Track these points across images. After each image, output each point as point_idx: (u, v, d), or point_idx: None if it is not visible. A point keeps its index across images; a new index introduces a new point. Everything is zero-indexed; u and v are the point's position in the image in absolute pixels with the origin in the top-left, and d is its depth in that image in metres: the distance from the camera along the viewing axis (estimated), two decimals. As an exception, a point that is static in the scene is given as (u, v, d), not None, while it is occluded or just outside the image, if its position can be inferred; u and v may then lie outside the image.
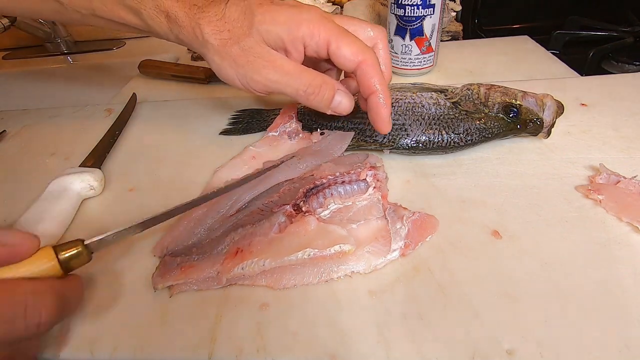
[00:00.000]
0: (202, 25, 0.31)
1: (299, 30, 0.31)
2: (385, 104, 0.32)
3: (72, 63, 0.83)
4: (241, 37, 0.31)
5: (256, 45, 0.31)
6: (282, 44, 0.32)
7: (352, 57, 0.31)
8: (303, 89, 0.32)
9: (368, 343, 0.25)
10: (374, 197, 0.33)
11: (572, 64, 0.57)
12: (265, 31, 0.31)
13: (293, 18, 0.31)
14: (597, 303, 0.26)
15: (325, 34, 0.31)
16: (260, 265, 0.28)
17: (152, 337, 0.27)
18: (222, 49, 0.32)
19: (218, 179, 0.38)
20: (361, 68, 0.31)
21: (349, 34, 0.31)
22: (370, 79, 0.31)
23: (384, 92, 0.32)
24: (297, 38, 0.31)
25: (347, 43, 0.31)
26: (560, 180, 0.36)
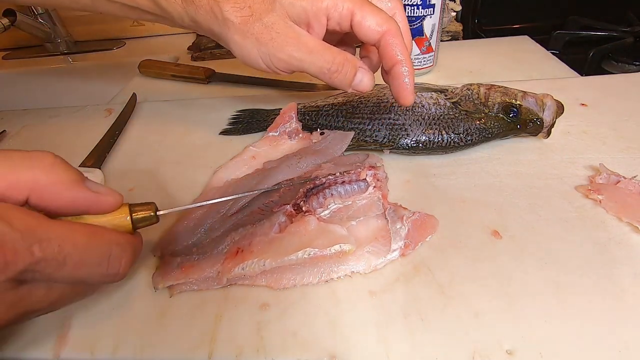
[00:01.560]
0: (220, 3, 0.30)
1: (322, 1, 0.30)
2: (409, 74, 0.32)
3: (72, 63, 0.83)
4: (263, 14, 0.30)
5: (279, 21, 0.31)
6: (306, 17, 0.31)
7: (377, 28, 0.31)
8: (327, 67, 0.32)
9: (368, 343, 0.25)
10: (374, 197, 0.33)
11: (572, 64, 0.57)
12: (289, 4, 0.30)
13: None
14: (597, 303, 0.26)
15: (349, 4, 0.30)
16: (260, 265, 0.28)
17: (152, 337, 0.27)
18: (243, 27, 0.31)
19: (218, 179, 0.38)
20: (385, 38, 0.31)
21: (371, 4, 0.31)
22: (394, 48, 0.31)
23: (407, 63, 0.32)
24: (320, 9, 0.30)
25: (371, 13, 0.31)
26: (560, 180, 0.36)
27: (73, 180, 0.22)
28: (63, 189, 0.21)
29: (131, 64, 0.69)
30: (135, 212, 0.24)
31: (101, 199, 0.23)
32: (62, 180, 0.21)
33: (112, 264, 0.22)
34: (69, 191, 0.22)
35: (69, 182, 0.22)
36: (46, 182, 0.21)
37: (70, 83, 0.81)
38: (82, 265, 0.20)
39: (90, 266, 0.21)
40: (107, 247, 0.21)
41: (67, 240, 0.20)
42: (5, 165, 0.20)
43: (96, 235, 0.22)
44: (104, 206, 0.23)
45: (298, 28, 0.31)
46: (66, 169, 0.22)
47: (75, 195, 0.22)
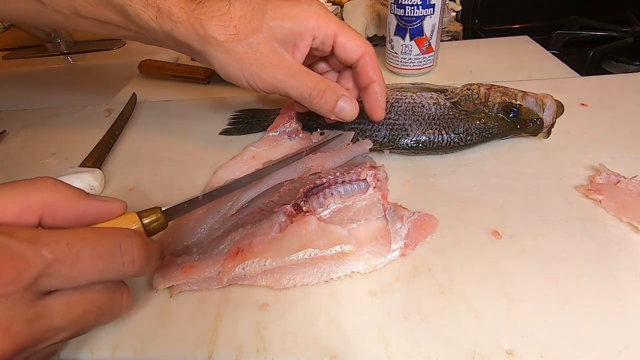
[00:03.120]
0: (203, 21, 0.30)
1: (308, 22, 0.32)
2: (382, 92, 0.35)
3: (72, 63, 0.83)
4: (249, 34, 0.31)
5: (265, 43, 0.31)
6: (293, 38, 0.32)
7: (357, 49, 0.33)
8: (308, 92, 0.33)
9: (368, 343, 0.25)
10: (374, 197, 0.33)
11: (572, 64, 0.57)
12: (278, 27, 0.31)
13: (303, 11, 0.32)
14: (597, 303, 0.26)
15: (333, 26, 0.32)
16: (261, 265, 0.28)
17: (152, 337, 0.27)
18: (227, 45, 0.31)
19: (218, 179, 0.38)
20: (364, 59, 0.33)
21: (351, 28, 0.33)
22: (370, 69, 0.34)
23: (381, 82, 0.35)
24: (307, 30, 0.32)
25: (352, 35, 0.33)
26: (560, 180, 0.36)
27: (79, 194, 0.23)
28: (72, 203, 0.22)
29: (131, 64, 0.69)
30: (144, 217, 0.24)
31: (109, 205, 0.23)
32: (68, 195, 0.22)
33: (125, 251, 0.22)
34: (78, 203, 0.22)
35: (75, 196, 0.22)
36: (55, 200, 0.22)
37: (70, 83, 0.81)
38: (96, 258, 0.20)
39: (105, 258, 0.21)
40: (115, 237, 0.22)
41: (75, 238, 0.20)
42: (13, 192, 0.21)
43: (102, 230, 0.22)
44: (113, 211, 0.24)
45: (283, 51, 0.32)
46: (69, 186, 0.23)
47: (85, 206, 0.23)
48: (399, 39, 0.54)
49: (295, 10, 0.32)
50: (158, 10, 0.31)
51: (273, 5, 0.31)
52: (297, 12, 0.32)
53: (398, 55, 0.55)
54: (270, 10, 0.31)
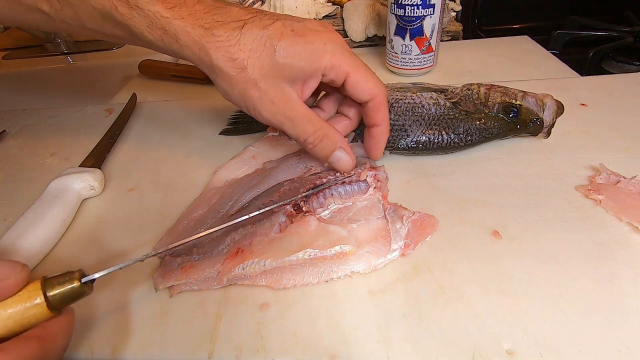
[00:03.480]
0: (210, 50, 0.29)
1: (321, 61, 0.30)
2: (384, 136, 0.35)
3: (72, 63, 0.83)
4: (256, 70, 0.29)
5: (272, 81, 0.30)
6: (302, 77, 0.31)
7: (368, 92, 0.32)
8: (304, 137, 0.32)
9: (368, 343, 0.25)
10: (374, 198, 0.33)
11: (572, 64, 0.57)
12: (288, 66, 0.30)
13: (316, 50, 0.30)
14: (597, 303, 0.26)
15: (345, 67, 0.31)
16: (261, 265, 0.28)
17: (152, 337, 0.27)
18: (233, 78, 0.30)
19: (218, 179, 0.38)
20: (373, 102, 0.33)
21: (366, 67, 0.32)
22: (378, 112, 0.33)
23: (385, 127, 0.34)
24: (318, 69, 0.30)
25: (364, 77, 0.32)
26: (560, 180, 0.36)
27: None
28: None
29: (131, 64, 0.69)
30: (52, 287, 0.20)
31: None
32: None
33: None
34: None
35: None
36: None
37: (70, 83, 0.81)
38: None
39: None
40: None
41: None
42: None
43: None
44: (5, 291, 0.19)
45: (289, 90, 0.31)
46: None
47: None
48: (399, 39, 0.54)
49: (308, 50, 0.30)
50: (164, 32, 0.29)
51: (286, 43, 0.29)
52: (310, 52, 0.30)
53: (398, 55, 0.55)
54: (282, 48, 0.29)
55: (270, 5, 0.68)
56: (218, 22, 0.29)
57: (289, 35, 0.29)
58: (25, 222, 0.33)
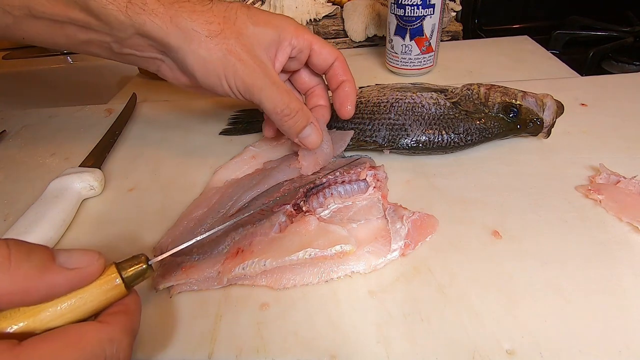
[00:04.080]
0: (184, 14, 0.29)
1: (288, 31, 0.33)
2: (352, 90, 0.37)
3: (72, 63, 0.83)
4: (234, 35, 0.30)
5: (249, 47, 0.30)
6: (274, 46, 0.33)
7: (330, 55, 0.35)
8: (281, 107, 0.32)
9: (368, 343, 0.25)
10: (374, 197, 0.33)
11: (572, 64, 0.57)
12: (262, 32, 0.31)
13: (282, 21, 0.33)
14: (597, 303, 0.26)
15: (308, 37, 0.34)
16: (261, 265, 0.28)
17: (152, 337, 0.27)
18: (212, 41, 0.29)
19: (218, 179, 0.38)
20: (337, 62, 0.36)
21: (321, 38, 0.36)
22: (342, 71, 0.36)
23: (351, 81, 0.37)
24: (287, 39, 0.33)
25: (325, 43, 0.35)
26: (560, 180, 0.36)
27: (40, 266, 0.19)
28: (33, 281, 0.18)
29: (131, 64, 0.69)
30: (125, 270, 0.22)
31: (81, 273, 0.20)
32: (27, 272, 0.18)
33: None
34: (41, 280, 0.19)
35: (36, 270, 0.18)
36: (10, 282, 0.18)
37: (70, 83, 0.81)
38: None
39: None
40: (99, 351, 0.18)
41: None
42: None
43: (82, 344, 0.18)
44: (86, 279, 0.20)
45: (266, 57, 0.32)
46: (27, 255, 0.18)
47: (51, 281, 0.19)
48: (399, 39, 0.54)
49: (276, 19, 0.33)
50: (129, 1, 0.28)
51: (255, 12, 0.32)
52: (278, 21, 0.32)
53: (398, 55, 0.55)
54: (254, 15, 0.31)
55: (270, 5, 0.68)
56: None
57: (253, 9, 0.32)
58: (25, 222, 0.33)
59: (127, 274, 0.22)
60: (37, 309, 0.19)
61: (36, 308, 0.19)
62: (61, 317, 0.19)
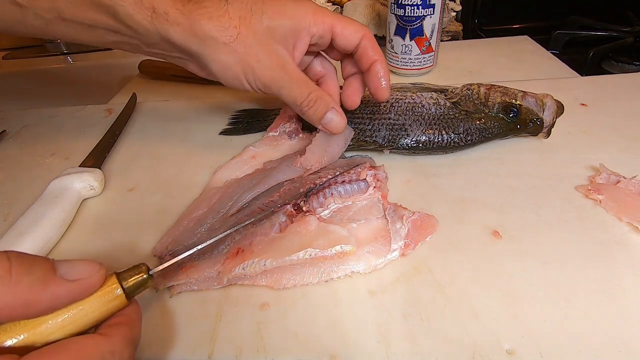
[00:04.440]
0: (201, 21, 0.30)
1: (305, 19, 0.32)
2: (385, 71, 0.35)
3: (72, 63, 0.83)
4: (250, 35, 0.31)
5: (266, 43, 0.31)
6: (292, 37, 0.32)
7: (356, 34, 0.33)
8: (301, 98, 0.33)
9: (368, 343, 0.25)
10: (374, 197, 0.33)
11: (572, 64, 0.57)
12: (278, 26, 0.31)
13: (299, 9, 0.32)
14: (597, 303, 0.26)
15: (329, 20, 0.33)
16: (261, 265, 0.28)
17: (152, 337, 0.27)
18: (229, 46, 0.31)
19: (218, 179, 0.38)
20: (363, 42, 0.34)
21: (345, 17, 0.34)
22: (371, 50, 0.34)
23: (383, 61, 0.35)
24: (305, 27, 0.32)
25: (348, 23, 0.33)
26: (560, 180, 0.36)
27: (42, 279, 0.18)
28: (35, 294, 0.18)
29: (131, 64, 0.69)
30: (125, 280, 0.22)
31: (82, 284, 0.20)
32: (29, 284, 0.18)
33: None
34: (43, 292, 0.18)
35: (38, 282, 0.18)
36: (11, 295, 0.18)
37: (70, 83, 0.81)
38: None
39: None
40: None
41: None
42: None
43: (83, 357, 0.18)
44: (87, 290, 0.20)
45: (284, 51, 0.32)
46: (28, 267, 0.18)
47: (53, 294, 0.19)
48: (399, 39, 0.54)
49: (292, 8, 0.32)
50: (153, 12, 0.30)
51: (271, 4, 0.31)
52: (294, 10, 0.32)
53: (398, 55, 0.55)
54: (268, 9, 0.31)
55: (270, 5, 0.68)
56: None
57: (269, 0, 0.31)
58: (25, 222, 0.33)
59: (128, 284, 0.22)
60: (37, 321, 0.19)
61: (37, 321, 0.19)
62: (62, 330, 0.19)
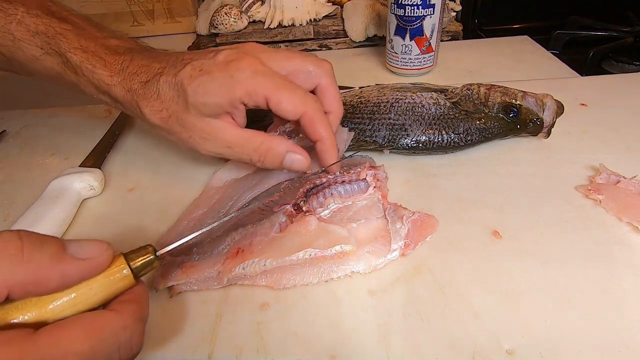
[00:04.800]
0: (141, 107, 0.32)
1: (234, 93, 0.30)
2: (331, 148, 0.33)
3: (72, 63, 0.82)
4: (179, 114, 0.31)
5: (195, 120, 0.31)
6: (223, 110, 0.31)
7: (293, 111, 0.30)
8: (249, 158, 0.32)
9: (368, 343, 0.25)
10: (374, 197, 0.33)
11: (572, 64, 0.57)
12: (202, 105, 0.30)
13: (225, 83, 0.29)
14: (597, 303, 0.26)
15: (261, 92, 0.30)
16: (261, 265, 0.28)
17: (152, 337, 0.27)
18: (164, 127, 0.32)
19: (218, 179, 0.38)
20: (304, 119, 0.31)
21: (286, 84, 0.30)
22: (313, 127, 0.31)
23: (329, 138, 0.32)
24: (235, 100, 0.30)
25: (285, 97, 0.30)
26: (560, 180, 0.36)
27: (52, 257, 0.19)
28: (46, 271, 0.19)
29: (131, 64, 0.68)
30: (133, 260, 0.22)
31: (91, 263, 0.20)
32: (40, 262, 0.19)
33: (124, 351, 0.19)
34: (54, 270, 0.19)
35: (49, 260, 0.19)
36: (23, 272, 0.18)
37: (70, 83, 0.81)
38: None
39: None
40: (113, 339, 0.19)
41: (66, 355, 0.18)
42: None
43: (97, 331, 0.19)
44: (96, 269, 0.21)
45: (217, 122, 0.31)
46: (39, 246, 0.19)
47: (63, 272, 0.19)
48: (399, 39, 0.54)
49: (216, 84, 0.29)
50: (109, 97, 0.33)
51: (195, 85, 0.29)
52: (219, 85, 0.29)
53: (398, 55, 0.55)
54: (191, 89, 0.30)
55: (270, 5, 0.68)
56: (141, 82, 0.32)
57: (197, 76, 0.30)
58: (25, 222, 0.33)
59: (135, 265, 0.22)
60: (48, 299, 0.19)
61: (48, 298, 0.19)
62: (72, 308, 0.20)
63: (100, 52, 0.33)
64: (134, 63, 0.32)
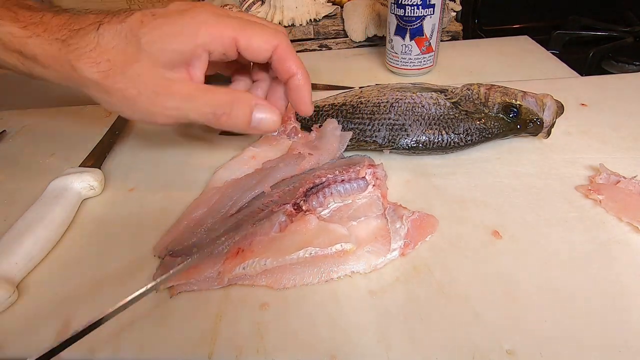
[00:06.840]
0: (72, 61, 0.26)
1: (197, 37, 0.27)
2: (305, 84, 0.30)
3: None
4: (126, 65, 0.26)
5: (146, 71, 0.27)
6: (183, 59, 0.27)
7: (266, 45, 0.28)
8: (210, 111, 0.28)
9: (368, 343, 0.25)
10: (373, 195, 0.33)
11: (572, 64, 0.57)
12: (159, 50, 0.26)
13: (187, 26, 0.27)
14: (597, 303, 0.26)
15: (229, 32, 0.27)
16: (261, 264, 0.28)
17: (152, 337, 0.27)
18: (104, 82, 0.27)
19: (218, 179, 0.38)
20: (277, 53, 0.29)
21: (253, 23, 0.28)
22: (287, 61, 0.29)
23: (302, 73, 0.30)
24: (198, 46, 0.27)
25: (256, 33, 0.28)
26: (560, 180, 0.36)
27: None
28: None
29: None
30: None
31: None
32: None
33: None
34: None
35: None
36: None
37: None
38: None
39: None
40: None
41: None
42: None
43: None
44: None
45: (172, 74, 0.27)
46: None
47: None
48: (399, 39, 0.54)
49: (176, 27, 0.26)
50: (21, 55, 0.28)
51: (149, 27, 0.26)
52: (180, 27, 0.26)
53: (398, 55, 0.55)
54: (146, 33, 0.26)
55: (270, 5, 0.68)
56: (73, 30, 0.27)
57: (151, 20, 0.26)
58: (25, 222, 0.33)
59: None
60: None
61: None
62: None
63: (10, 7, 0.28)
64: (58, 17, 0.27)
